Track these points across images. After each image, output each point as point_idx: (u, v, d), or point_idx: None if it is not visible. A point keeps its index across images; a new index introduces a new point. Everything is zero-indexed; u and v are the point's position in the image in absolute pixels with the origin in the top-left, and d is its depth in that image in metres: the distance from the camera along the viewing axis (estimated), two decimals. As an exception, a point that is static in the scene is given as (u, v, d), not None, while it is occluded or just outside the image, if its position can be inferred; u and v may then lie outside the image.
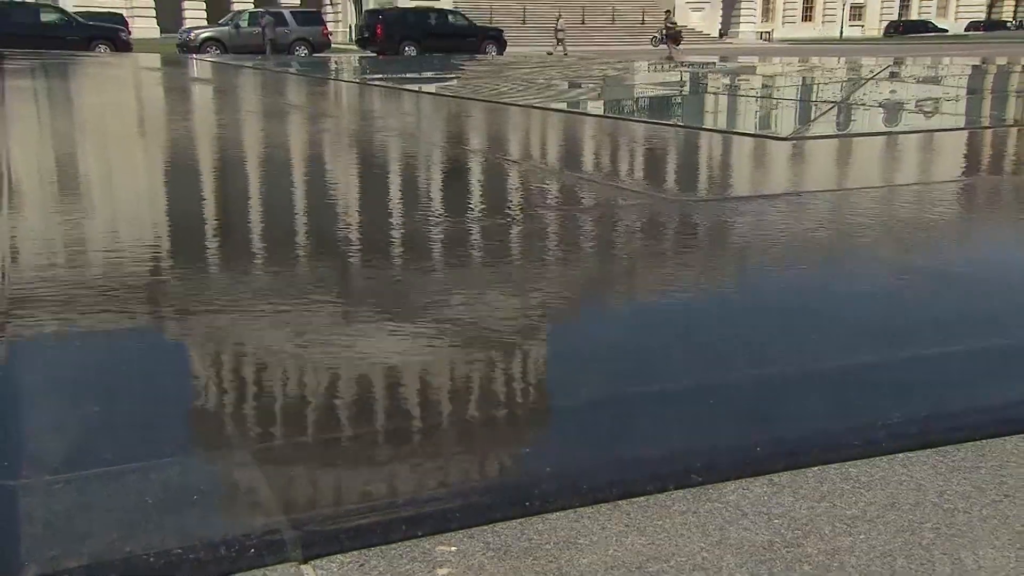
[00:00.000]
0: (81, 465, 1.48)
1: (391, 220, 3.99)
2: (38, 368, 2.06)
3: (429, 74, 15.77)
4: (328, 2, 66.16)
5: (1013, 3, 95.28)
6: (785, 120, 7.93)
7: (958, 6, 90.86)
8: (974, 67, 15.10)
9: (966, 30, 79.10)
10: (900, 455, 1.54)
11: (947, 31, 78.35)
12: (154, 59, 24.59)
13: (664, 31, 41.24)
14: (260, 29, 35.73)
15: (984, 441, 1.59)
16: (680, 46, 37.15)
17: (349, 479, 1.51)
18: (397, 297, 2.67)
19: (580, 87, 12.38)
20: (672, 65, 20.62)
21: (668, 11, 46.11)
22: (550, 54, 33.89)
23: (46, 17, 33.86)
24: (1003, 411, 1.74)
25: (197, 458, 1.55)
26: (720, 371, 2.01)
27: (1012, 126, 7.46)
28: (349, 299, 2.68)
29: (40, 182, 5.05)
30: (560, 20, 44.91)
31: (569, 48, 41.25)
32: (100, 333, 2.32)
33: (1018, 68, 14.42)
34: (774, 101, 9.85)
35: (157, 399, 1.85)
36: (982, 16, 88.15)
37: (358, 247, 3.47)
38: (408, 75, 15.17)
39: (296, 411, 1.80)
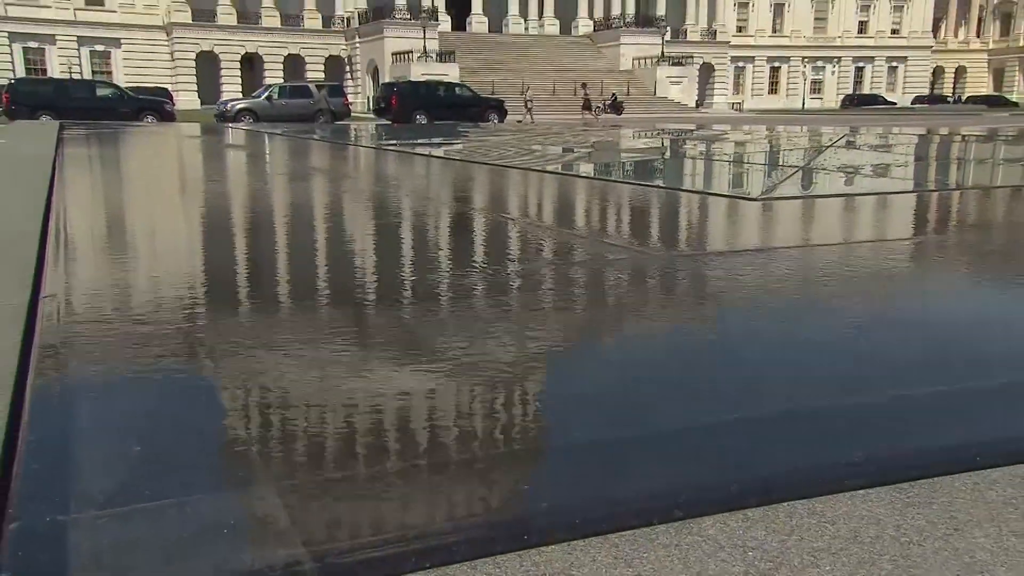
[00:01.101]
0: (123, 501, 1.47)
1: (400, 270, 4.01)
2: (84, 408, 2.05)
3: (438, 139, 15.90)
4: (349, 76, 66.92)
5: (952, 80, 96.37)
6: (755, 182, 7.97)
7: (905, 82, 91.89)
8: (920, 136, 15.25)
9: (912, 103, 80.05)
10: (861, 492, 1.53)
11: (895, 104, 79.26)
12: (195, 128, 24.84)
13: (584, 101, 45.39)
14: (319, 100, 36.69)
15: (936, 478, 1.58)
16: (602, 116, 38.61)
17: (363, 513, 1.50)
18: (402, 342, 2.67)
19: (572, 151, 12.48)
20: (594, 127, 21.20)
21: (584, 83, 49.08)
22: (519, 122, 34.38)
23: (101, 92, 34.35)
24: (952, 451, 1.73)
25: (227, 493, 1.54)
26: (699, 414, 2.00)
27: (955, 190, 7.51)
28: (358, 342, 2.68)
29: (93, 235, 5.08)
30: (528, 91, 46.02)
31: (537, 117, 42.00)
32: (141, 374, 2.32)
33: (958, 137, 14.55)
34: (745, 165, 9.92)
35: (192, 437, 1.85)
36: (926, 91, 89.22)
37: (372, 294, 3.49)
38: (419, 140, 15.32)
39: (315, 449, 1.80)
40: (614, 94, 51.39)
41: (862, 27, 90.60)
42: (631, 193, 7.14)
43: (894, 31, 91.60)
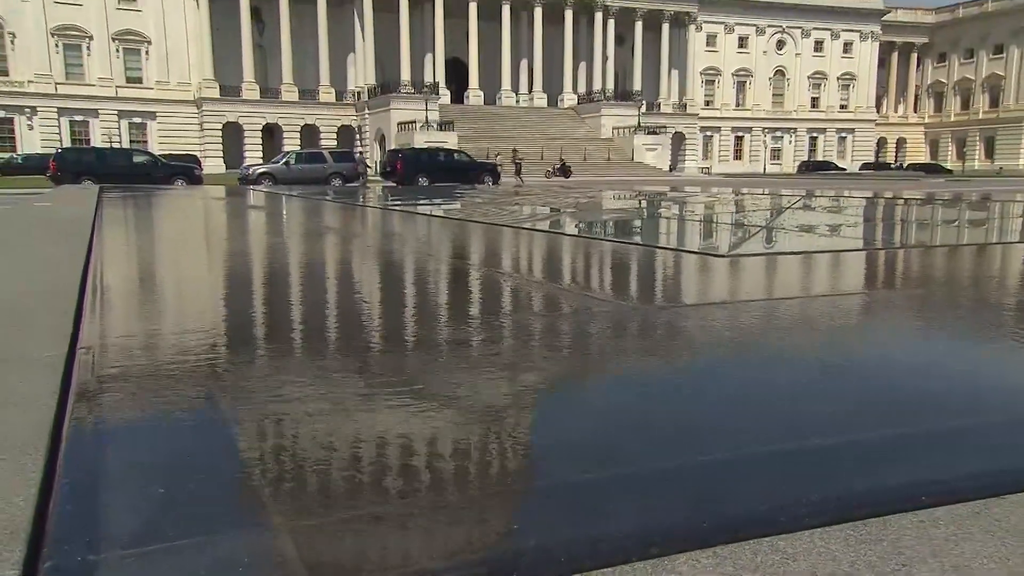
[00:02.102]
0: (147, 542, 1.46)
1: (402, 319, 4.01)
2: (114, 453, 2.04)
3: (438, 200, 16.01)
4: (359, 143, 67.52)
5: (894, 149, 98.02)
6: (723, 240, 8.02)
7: (853, 150, 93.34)
8: (867, 199, 15.42)
9: (860, 169, 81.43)
10: (819, 529, 1.53)
11: (845, 169, 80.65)
12: (220, 190, 24.96)
13: (516, 166, 46.27)
14: (358, 164, 37.60)
15: (886, 517, 1.58)
16: (532, 179, 39.28)
17: (365, 551, 1.49)
18: (400, 386, 2.66)
19: (558, 211, 12.57)
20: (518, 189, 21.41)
21: (515, 149, 50.48)
22: (517, 186, 34.81)
23: (137, 159, 34.73)
24: (900, 492, 1.73)
25: (243, 532, 1.53)
26: (673, 457, 2.00)
27: (899, 248, 7.58)
28: (360, 386, 2.67)
29: (127, 289, 5.07)
30: (517, 154, 46.96)
31: (526, 179, 42.72)
32: (167, 421, 2.31)
33: (900, 201, 14.72)
34: (713, 224, 10.00)
35: (212, 480, 1.84)
36: (871, 159, 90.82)
37: (376, 341, 3.48)
38: (420, 201, 15.41)
39: (323, 489, 1.79)
40: (562, 159, 52.07)
41: (814, 102, 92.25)
42: (610, 250, 7.19)
43: (842, 106, 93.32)
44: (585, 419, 2.40)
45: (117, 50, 66.43)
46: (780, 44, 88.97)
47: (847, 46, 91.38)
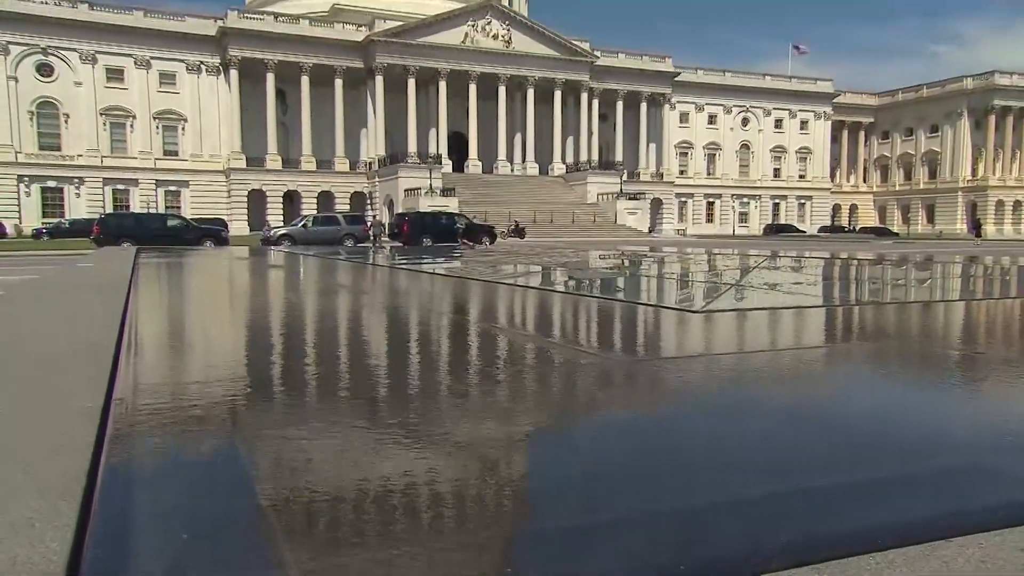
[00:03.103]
0: (174, 585, 1.44)
1: (407, 368, 3.99)
2: (143, 498, 2.02)
3: (440, 259, 16.07)
4: (370, 206, 67.98)
5: (848, 214, 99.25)
6: (697, 297, 8.04)
7: (812, 215, 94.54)
8: (825, 260, 15.52)
9: (818, 231, 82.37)
10: (785, 572, 1.51)
11: (805, 232, 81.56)
12: (244, 251, 25.02)
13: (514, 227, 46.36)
14: (371, 227, 38.01)
15: (844, 559, 1.57)
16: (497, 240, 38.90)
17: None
18: (404, 429, 2.65)
19: (546, 269, 12.61)
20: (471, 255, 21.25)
21: (460, 213, 51.07)
22: (515, 237, 35.07)
23: (171, 223, 35.00)
24: (857, 536, 1.72)
25: (256, 572, 1.51)
26: (648, 503, 1.99)
27: (854, 305, 7.61)
28: (367, 431, 2.65)
29: (159, 342, 5.06)
30: (511, 217, 47.79)
31: (516, 240, 43.36)
32: (194, 468, 2.28)
33: (854, 261, 14.81)
34: (688, 282, 10.04)
35: (231, 523, 1.81)
36: (828, 222, 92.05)
37: (383, 389, 3.47)
38: (424, 259, 15.49)
39: (333, 529, 1.77)
40: (516, 221, 51.49)
41: (776, 172, 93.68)
42: (594, 305, 7.20)
43: (801, 176, 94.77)
44: (567, 464, 2.38)
45: (157, 127, 67.40)
46: (745, 121, 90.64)
47: (803, 124, 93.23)
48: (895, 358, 4.49)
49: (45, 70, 63.93)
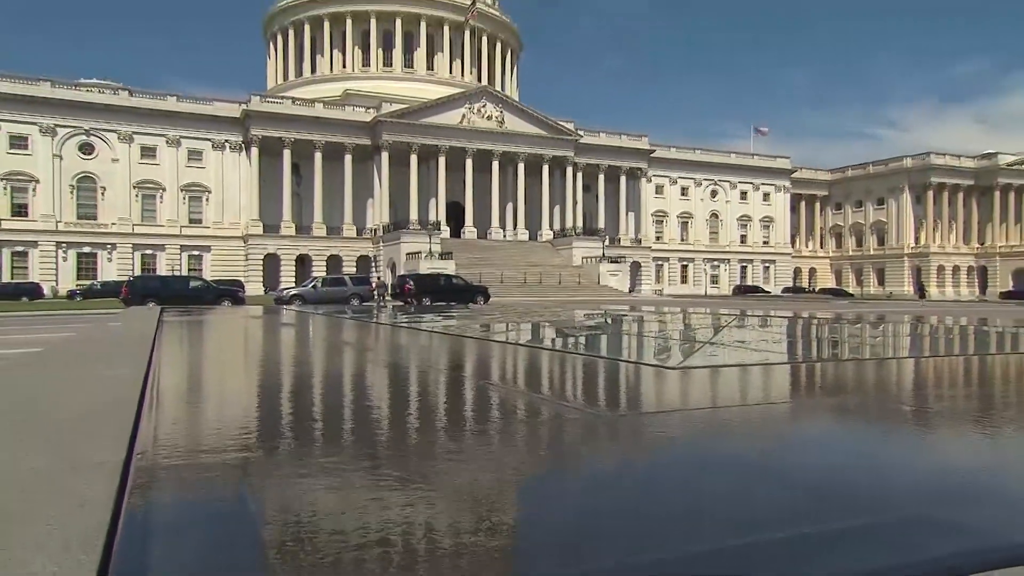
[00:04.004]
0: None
1: (407, 419, 3.95)
2: (162, 549, 1.97)
3: (439, 317, 16.03)
4: (374, 269, 68.26)
5: (808, 276, 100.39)
6: (673, 354, 8.04)
7: (776, 277, 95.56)
8: (788, 318, 15.60)
9: (782, 292, 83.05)
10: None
11: (770, 292, 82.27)
12: (259, 310, 24.94)
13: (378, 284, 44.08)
14: (376, 288, 38.13)
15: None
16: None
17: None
18: (403, 476, 2.61)
19: (533, 328, 12.61)
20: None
21: (377, 275, 49.79)
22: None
23: (193, 284, 35.19)
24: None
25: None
26: (622, 552, 1.95)
27: (816, 361, 7.61)
28: (370, 480, 2.61)
29: (178, 397, 4.99)
30: (503, 278, 47.80)
31: (509, 299, 43.25)
32: (211, 519, 2.23)
33: (814, 320, 14.89)
34: (664, 339, 10.05)
35: (242, 570, 1.77)
36: (790, 283, 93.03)
37: (386, 436, 3.42)
38: (424, 318, 15.44)
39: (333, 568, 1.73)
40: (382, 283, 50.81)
41: (743, 239, 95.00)
42: (578, 361, 7.18)
43: (765, 242, 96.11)
44: (551, 512, 2.34)
45: (184, 198, 68.17)
46: (714, 193, 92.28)
47: (766, 196, 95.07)
48: (855, 412, 4.48)
49: (86, 149, 65.11)
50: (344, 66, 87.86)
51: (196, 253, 66.92)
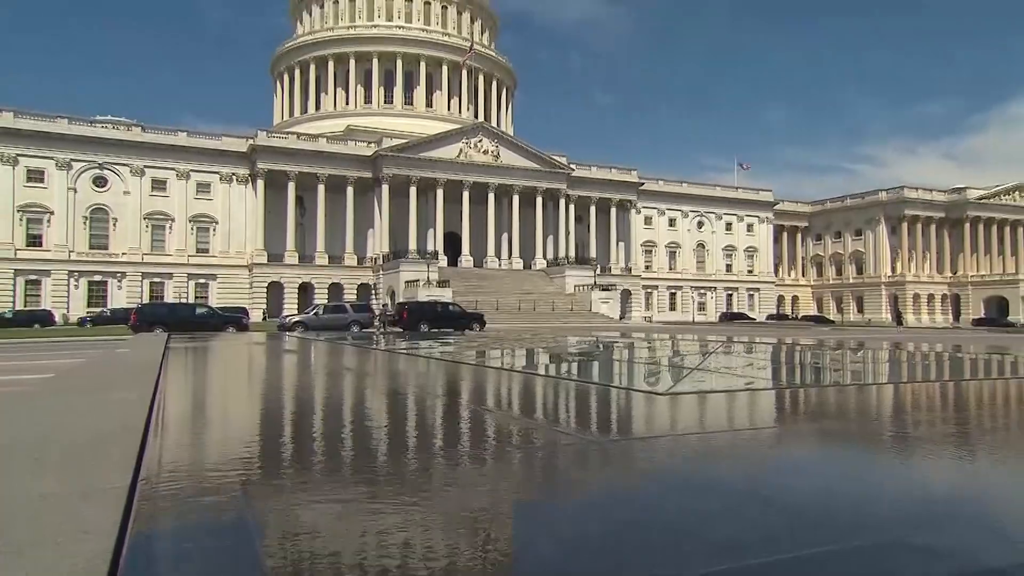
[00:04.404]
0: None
1: (404, 441, 3.92)
2: (161, 571, 1.94)
3: (436, 344, 15.99)
4: (374, 296, 68.11)
5: (791, 303, 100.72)
6: (664, 379, 8.02)
7: (760, 304, 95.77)
8: (772, 345, 15.60)
9: (766, 319, 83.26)
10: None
11: (755, 319, 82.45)
12: (262, 336, 24.84)
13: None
14: (379, 314, 38.01)
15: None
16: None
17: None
18: (399, 496, 2.59)
19: (531, 353, 12.58)
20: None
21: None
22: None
23: (199, 311, 35.07)
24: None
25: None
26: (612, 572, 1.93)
27: (799, 387, 7.61)
28: (367, 501, 2.58)
29: (182, 423, 4.95)
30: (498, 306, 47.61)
31: (505, 325, 43.22)
32: (213, 543, 2.21)
33: (797, 346, 14.89)
34: (653, 366, 10.04)
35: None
36: (774, 311, 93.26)
37: (383, 460, 3.39)
38: (421, 344, 15.39)
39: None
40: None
41: (728, 268, 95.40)
42: (571, 387, 7.16)
43: (749, 271, 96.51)
44: (546, 533, 2.33)
45: (192, 228, 68.24)
46: (700, 224, 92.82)
47: (750, 227, 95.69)
48: (835, 437, 4.48)
49: (100, 182, 65.42)
50: (347, 103, 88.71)
51: (203, 281, 66.80)
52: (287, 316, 40.46)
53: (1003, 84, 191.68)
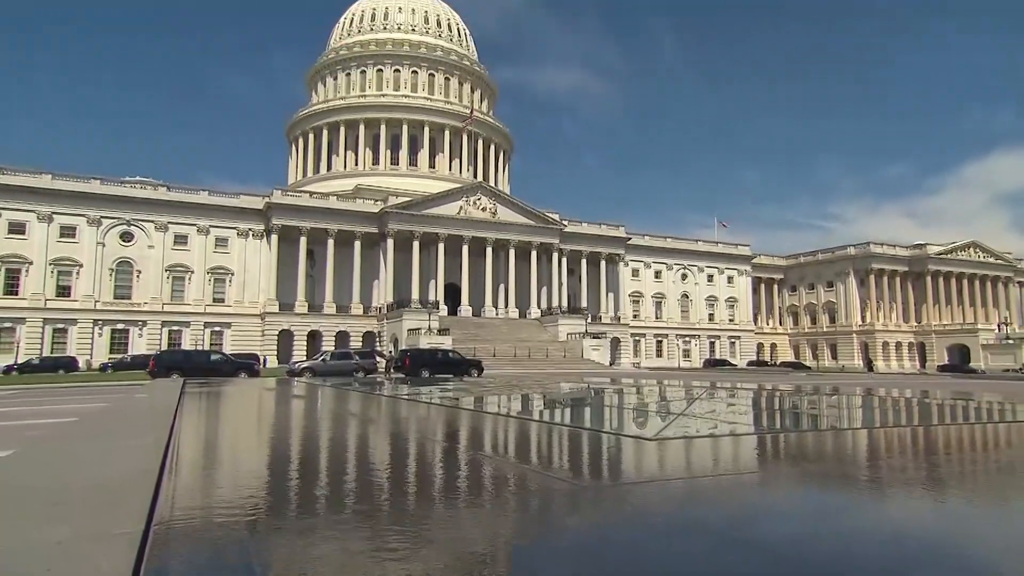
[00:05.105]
0: None
1: (405, 483, 3.85)
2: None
3: (436, 390, 15.84)
4: (379, 344, 67.77)
5: (770, 351, 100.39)
6: (652, 425, 7.95)
7: (741, 351, 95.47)
8: (753, 390, 15.52)
9: (747, 365, 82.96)
10: None
11: (736, 365, 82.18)
12: (272, 382, 24.63)
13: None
14: (386, 360, 37.65)
15: None
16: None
17: None
18: (400, 538, 2.53)
19: (524, 398, 12.47)
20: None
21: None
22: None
23: (213, 358, 34.82)
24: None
25: None
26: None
27: (780, 432, 7.55)
28: (368, 541, 2.53)
29: (195, 467, 4.86)
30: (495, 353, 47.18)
31: (503, 371, 42.82)
32: (217, 571, 2.16)
33: (777, 392, 14.82)
34: (644, 410, 9.96)
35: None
36: (754, 357, 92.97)
37: (385, 502, 3.33)
38: (421, 390, 15.25)
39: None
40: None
41: (711, 317, 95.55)
42: (564, 432, 7.08)
43: (730, 320, 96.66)
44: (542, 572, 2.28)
45: (209, 280, 68.43)
46: (684, 276, 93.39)
47: (730, 279, 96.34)
48: (815, 481, 4.42)
49: (126, 237, 66.03)
50: (356, 164, 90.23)
51: (218, 329, 66.50)
52: (296, 362, 40.17)
53: (956, 151, 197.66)
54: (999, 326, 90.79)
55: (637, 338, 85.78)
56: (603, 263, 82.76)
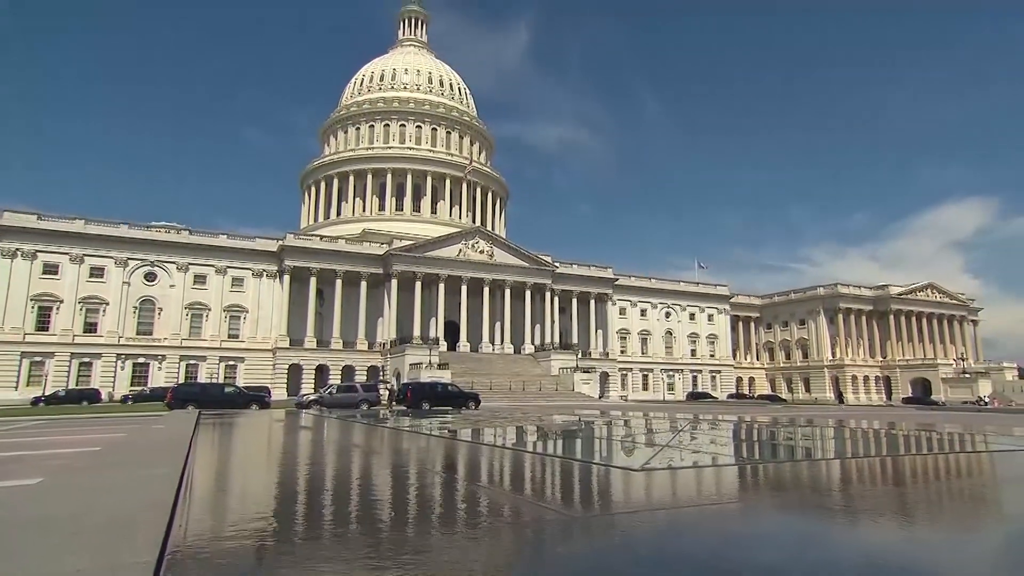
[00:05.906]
0: None
1: (405, 510, 3.78)
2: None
3: (435, 422, 15.65)
4: (382, 378, 67.10)
5: (748, 384, 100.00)
6: (639, 456, 7.86)
7: (722, 385, 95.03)
8: (734, 422, 15.41)
9: (727, 398, 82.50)
10: None
11: (717, 398, 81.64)
12: (281, 413, 24.31)
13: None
14: (388, 390, 37.10)
15: None
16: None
17: None
18: (399, 561, 2.48)
19: (519, 430, 12.32)
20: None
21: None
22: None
23: (227, 390, 34.35)
24: None
25: None
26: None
27: (759, 462, 7.47)
28: (374, 568, 2.48)
29: (208, 496, 4.77)
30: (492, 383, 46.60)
31: (498, 403, 42.24)
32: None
33: (756, 424, 14.71)
34: (631, 442, 9.86)
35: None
36: (734, 390, 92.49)
37: (387, 531, 3.27)
38: (422, 422, 15.05)
39: None
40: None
41: (693, 352, 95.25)
42: (557, 464, 6.98)
43: (711, 355, 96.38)
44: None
45: (225, 317, 68.18)
46: (668, 314, 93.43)
47: (710, 317, 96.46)
48: (794, 510, 4.37)
49: (150, 277, 66.28)
50: (364, 210, 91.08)
51: (232, 363, 65.88)
52: (304, 395, 39.69)
53: (912, 201, 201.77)
54: (955, 361, 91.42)
55: (624, 372, 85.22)
56: (592, 302, 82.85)
